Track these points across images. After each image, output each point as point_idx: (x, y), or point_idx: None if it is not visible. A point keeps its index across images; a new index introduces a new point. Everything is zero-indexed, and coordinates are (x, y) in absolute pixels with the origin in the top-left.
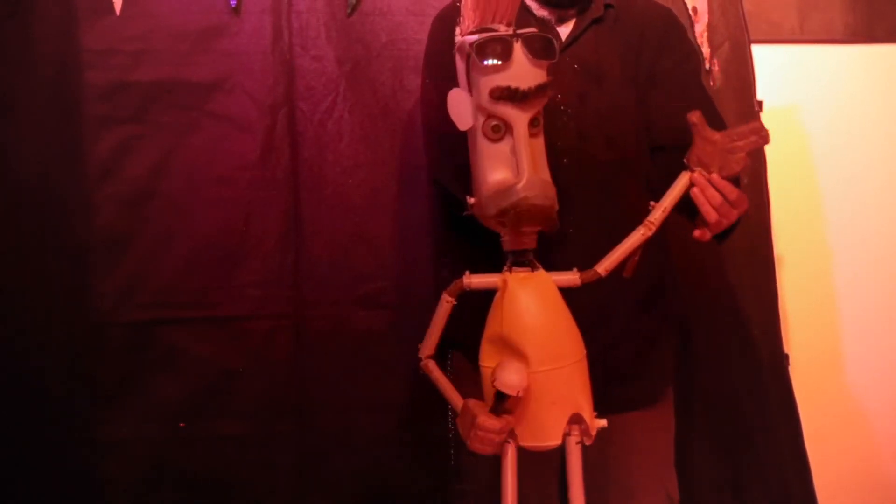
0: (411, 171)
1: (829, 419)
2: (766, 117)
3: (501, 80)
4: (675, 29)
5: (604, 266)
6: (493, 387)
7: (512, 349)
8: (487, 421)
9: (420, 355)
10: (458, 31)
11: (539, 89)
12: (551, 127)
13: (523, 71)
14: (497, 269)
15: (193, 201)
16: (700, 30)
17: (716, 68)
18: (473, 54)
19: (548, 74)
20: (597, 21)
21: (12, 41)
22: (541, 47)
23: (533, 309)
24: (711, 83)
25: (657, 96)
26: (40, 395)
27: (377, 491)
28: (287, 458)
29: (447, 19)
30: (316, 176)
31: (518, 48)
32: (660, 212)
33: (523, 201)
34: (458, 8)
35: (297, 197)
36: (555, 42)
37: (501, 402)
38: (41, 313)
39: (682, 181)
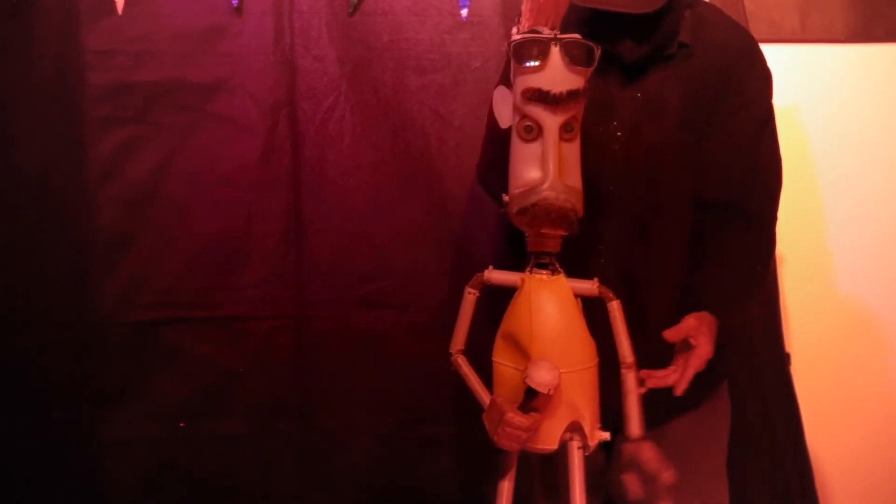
0: (413, 171)
1: (830, 418)
2: None
3: (534, 81)
4: (746, 67)
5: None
6: (525, 383)
7: (523, 350)
8: (516, 418)
9: (451, 350)
10: (514, 30)
11: (571, 95)
12: (604, 151)
13: (558, 75)
14: None
15: (195, 201)
16: None
17: None
18: (512, 55)
19: (587, 82)
20: (667, 59)
21: (14, 41)
22: (580, 53)
23: (545, 311)
24: None
25: (711, 144)
26: (42, 394)
27: (377, 491)
28: (288, 458)
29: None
30: (317, 176)
31: (556, 52)
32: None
33: (543, 201)
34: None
35: (299, 197)
36: (595, 50)
37: (531, 400)
38: (43, 313)
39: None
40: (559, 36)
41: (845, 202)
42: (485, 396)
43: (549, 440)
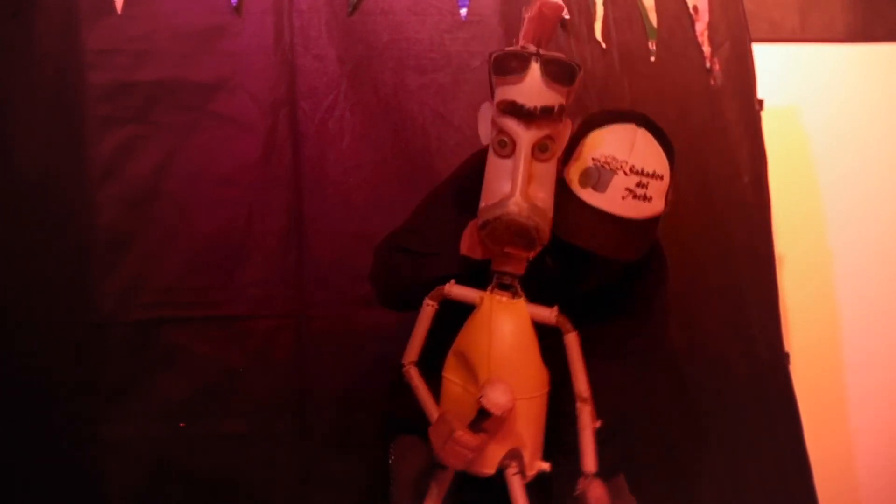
0: (412, 171)
1: (829, 418)
2: (766, 116)
3: (510, 93)
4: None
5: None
6: (479, 403)
7: (471, 368)
8: (465, 436)
9: (403, 361)
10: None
11: (545, 111)
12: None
13: (534, 90)
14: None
15: (195, 201)
16: (701, 29)
17: (716, 67)
18: (492, 67)
19: (566, 102)
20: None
21: (15, 41)
22: (560, 71)
23: (502, 335)
24: (712, 82)
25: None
26: (43, 394)
27: (377, 490)
28: (288, 457)
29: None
30: (317, 175)
31: (535, 67)
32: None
33: (505, 216)
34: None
35: (299, 196)
36: (577, 71)
37: (483, 420)
38: (44, 313)
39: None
40: (541, 52)
41: (845, 202)
42: (433, 411)
43: (487, 464)
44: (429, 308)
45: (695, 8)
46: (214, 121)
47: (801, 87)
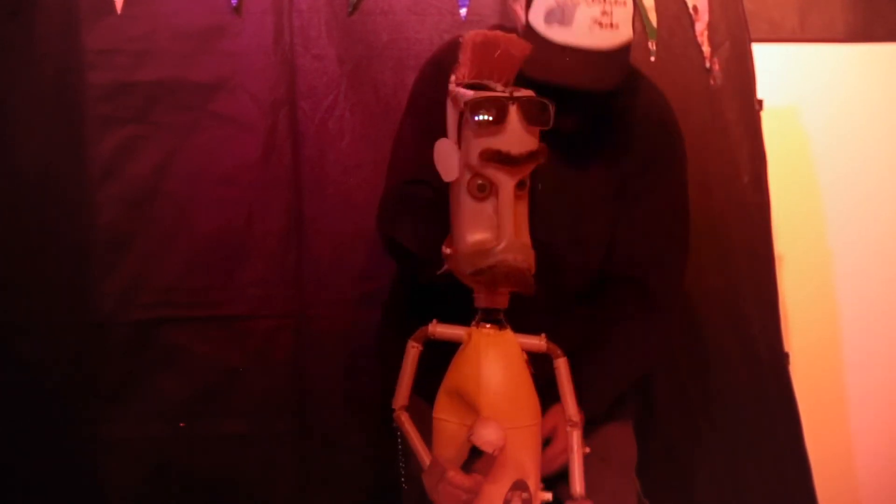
0: None
1: (829, 418)
2: (766, 116)
3: (494, 143)
4: (664, 145)
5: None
6: (470, 442)
7: (470, 406)
8: (457, 477)
9: (393, 406)
10: (452, 78)
11: (530, 156)
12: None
13: (516, 136)
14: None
15: (195, 201)
16: (700, 28)
17: (716, 67)
18: (467, 112)
19: (540, 140)
20: (595, 118)
21: (14, 41)
22: (536, 113)
23: (495, 368)
24: (712, 82)
25: (622, 216)
26: (43, 393)
27: (377, 490)
28: (288, 458)
29: (442, 64)
30: (317, 175)
31: (514, 111)
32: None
33: (501, 264)
34: (455, 53)
35: (299, 196)
36: (551, 108)
37: (475, 460)
38: (44, 313)
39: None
40: (515, 95)
41: (845, 202)
42: (425, 456)
43: (494, 499)
44: (413, 350)
45: (694, 8)
46: (214, 121)
47: (801, 87)
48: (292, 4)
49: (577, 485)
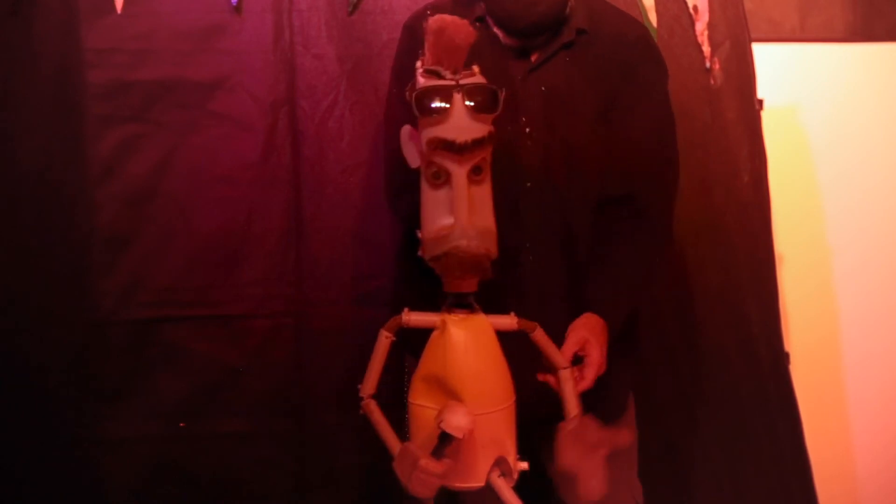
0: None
1: (829, 417)
2: (766, 116)
3: (439, 131)
4: (642, 57)
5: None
6: (440, 428)
7: (447, 391)
8: (430, 464)
9: (361, 394)
10: (418, 63)
11: (476, 143)
12: (516, 148)
13: (462, 123)
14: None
15: (195, 200)
16: (700, 28)
17: (716, 67)
18: (413, 103)
19: (492, 124)
20: (566, 46)
21: (14, 40)
22: (483, 99)
23: (471, 353)
24: (712, 82)
25: (612, 135)
26: (42, 392)
27: (377, 490)
28: (287, 457)
29: (414, 29)
30: (317, 174)
31: (458, 99)
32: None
33: (455, 250)
34: (427, 17)
35: (299, 195)
36: (499, 94)
37: (445, 445)
38: (43, 311)
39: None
40: (461, 82)
41: (845, 201)
42: (394, 444)
43: (476, 477)
44: (385, 340)
45: (695, 7)
46: (214, 120)
47: (801, 87)
48: (292, 4)
49: (572, 407)
